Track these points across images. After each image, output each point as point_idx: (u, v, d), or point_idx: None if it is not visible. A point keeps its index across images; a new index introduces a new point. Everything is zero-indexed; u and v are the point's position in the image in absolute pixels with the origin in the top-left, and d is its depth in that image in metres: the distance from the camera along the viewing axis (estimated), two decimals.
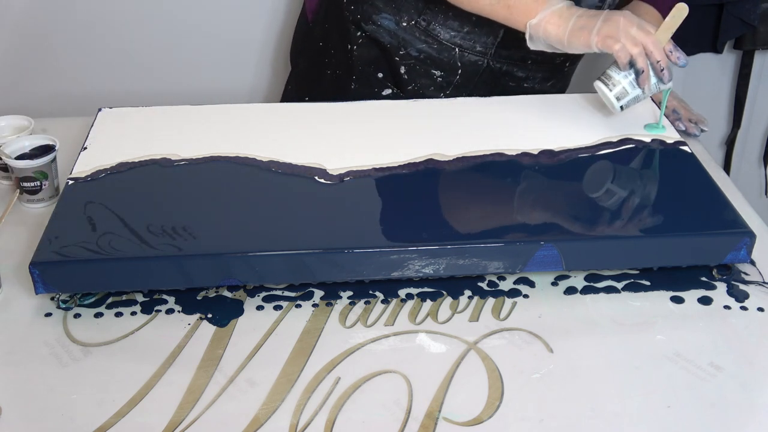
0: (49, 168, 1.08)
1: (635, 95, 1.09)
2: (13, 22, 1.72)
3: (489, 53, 1.27)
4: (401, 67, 1.30)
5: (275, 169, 1.04)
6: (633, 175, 1.05)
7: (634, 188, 1.02)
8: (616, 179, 1.03)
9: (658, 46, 1.06)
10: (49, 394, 0.81)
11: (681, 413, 0.79)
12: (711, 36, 1.80)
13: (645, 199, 0.99)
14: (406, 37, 1.28)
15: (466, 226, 0.94)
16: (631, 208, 0.98)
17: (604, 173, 1.05)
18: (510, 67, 1.30)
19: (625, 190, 1.01)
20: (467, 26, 1.25)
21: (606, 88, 1.10)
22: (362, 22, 1.29)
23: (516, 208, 0.98)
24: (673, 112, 1.24)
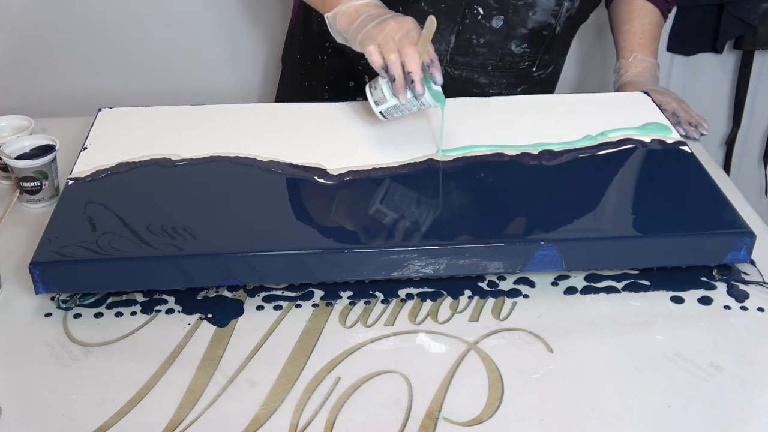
0: (49, 168, 1.08)
1: (394, 104, 1.05)
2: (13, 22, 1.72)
3: (444, 60, 1.26)
4: (365, 76, 1.30)
5: (275, 169, 1.04)
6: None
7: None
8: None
9: (412, 57, 1.01)
10: (49, 394, 0.81)
11: (681, 413, 0.79)
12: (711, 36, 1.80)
13: (645, 198, 0.99)
14: None
15: (466, 226, 0.94)
16: (631, 207, 0.98)
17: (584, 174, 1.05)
18: (470, 73, 1.28)
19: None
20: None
21: (369, 92, 1.07)
22: (327, 33, 1.30)
23: (516, 208, 0.98)
24: (673, 114, 1.23)
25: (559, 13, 1.23)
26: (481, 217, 0.96)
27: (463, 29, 1.23)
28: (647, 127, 1.14)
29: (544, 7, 1.22)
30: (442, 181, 1.03)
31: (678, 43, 1.83)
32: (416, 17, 1.21)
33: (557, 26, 1.25)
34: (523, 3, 1.20)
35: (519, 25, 1.23)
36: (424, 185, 1.02)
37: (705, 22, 1.79)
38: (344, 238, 0.91)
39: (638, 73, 1.30)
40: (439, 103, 1.06)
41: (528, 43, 1.26)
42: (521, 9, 1.21)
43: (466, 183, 1.03)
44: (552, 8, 1.22)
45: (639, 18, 1.33)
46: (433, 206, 0.98)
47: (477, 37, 1.23)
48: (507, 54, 1.26)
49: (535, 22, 1.23)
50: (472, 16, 1.21)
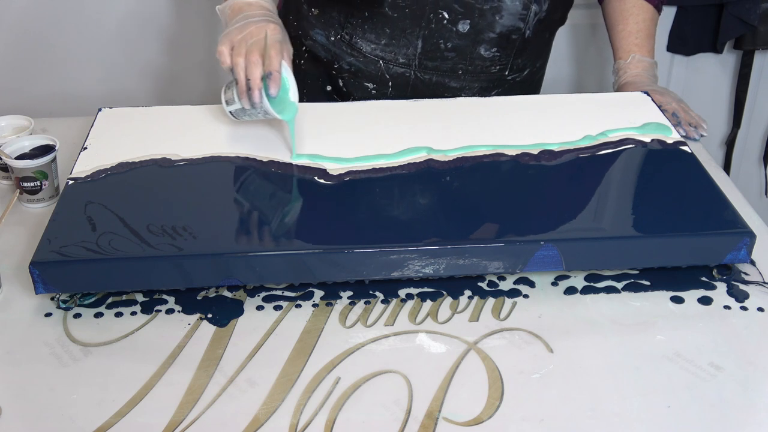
0: (49, 168, 1.08)
1: (241, 107, 1.05)
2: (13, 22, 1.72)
3: (413, 64, 1.26)
4: (339, 80, 1.31)
5: (275, 169, 1.04)
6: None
7: (600, 183, 1.00)
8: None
9: (254, 64, 1.02)
10: (49, 394, 0.81)
11: (681, 413, 0.79)
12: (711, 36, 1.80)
13: (645, 198, 0.99)
14: (337, 51, 1.29)
15: (466, 226, 0.94)
16: (631, 207, 0.98)
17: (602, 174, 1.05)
18: (440, 78, 1.28)
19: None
20: (384, 38, 1.24)
21: (223, 91, 1.07)
22: (303, 37, 1.31)
23: (516, 208, 0.98)
24: (673, 115, 1.23)
25: (527, 17, 1.23)
26: (481, 217, 0.96)
27: (430, 34, 1.22)
28: (647, 127, 1.14)
29: (510, 12, 1.21)
30: (441, 181, 1.03)
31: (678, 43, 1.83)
32: (381, 22, 1.22)
33: (527, 30, 1.25)
34: (489, 7, 1.20)
35: (486, 30, 1.22)
36: (424, 185, 1.02)
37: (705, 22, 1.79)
38: (344, 238, 0.91)
39: (637, 74, 1.30)
40: (282, 115, 1.05)
41: (497, 48, 1.25)
42: (487, 13, 1.20)
43: (465, 183, 1.03)
44: (519, 12, 1.22)
45: (633, 16, 1.32)
46: (433, 206, 0.99)
47: (444, 42, 1.23)
48: (477, 58, 1.25)
49: (503, 26, 1.22)
50: (437, 20, 1.21)
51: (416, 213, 0.97)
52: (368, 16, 1.22)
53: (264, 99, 1.03)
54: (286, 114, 1.06)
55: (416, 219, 0.96)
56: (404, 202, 1.00)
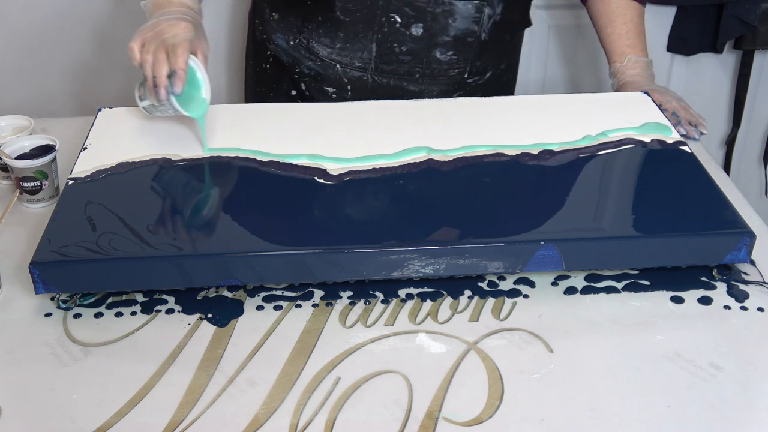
0: (49, 168, 1.08)
1: (153, 103, 1.06)
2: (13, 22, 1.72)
3: (369, 68, 1.26)
4: (301, 84, 1.31)
5: (275, 169, 1.04)
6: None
7: (600, 183, 1.00)
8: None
9: (160, 62, 1.02)
10: (49, 394, 0.81)
11: (681, 413, 0.79)
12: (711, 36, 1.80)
13: (645, 198, 0.99)
14: (297, 56, 1.29)
15: (466, 226, 0.94)
16: (631, 207, 0.98)
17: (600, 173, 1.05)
18: (398, 81, 1.27)
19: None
20: (338, 42, 1.24)
21: (137, 86, 1.08)
22: (266, 42, 1.32)
23: (516, 208, 0.98)
24: (673, 114, 1.23)
25: (480, 20, 1.22)
26: (481, 217, 0.96)
27: (383, 38, 1.22)
28: (647, 127, 1.14)
29: (463, 15, 1.21)
30: (441, 181, 1.03)
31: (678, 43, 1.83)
32: (335, 26, 1.22)
33: (482, 33, 1.24)
34: (440, 11, 1.19)
35: (440, 33, 1.22)
36: (424, 185, 1.02)
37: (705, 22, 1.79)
38: (344, 238, 0.91)
39: (635, 74, 1.30)
40: (190, 112, 1.06)
41: (454, 51, 1.25)
42: (440, 17, 1.20)
43: (465, 183, 1.03)
44: (472, 15, 1.21)
45: (620, 17, 1.31)
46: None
47: (399, 45, 1.23)
48: (433, 62, 1.25)
49: (456, 29, 1.22)
50: (390, 24, 1.21)
51: (416, 213, 0.97)
52: (322, 20, 1.23)
53: (171, 97, 1.03)
54: (195, 111, 1.07)
55: (416, 219, 0.95)
56: (404, 202, 1.00)
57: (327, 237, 0.92)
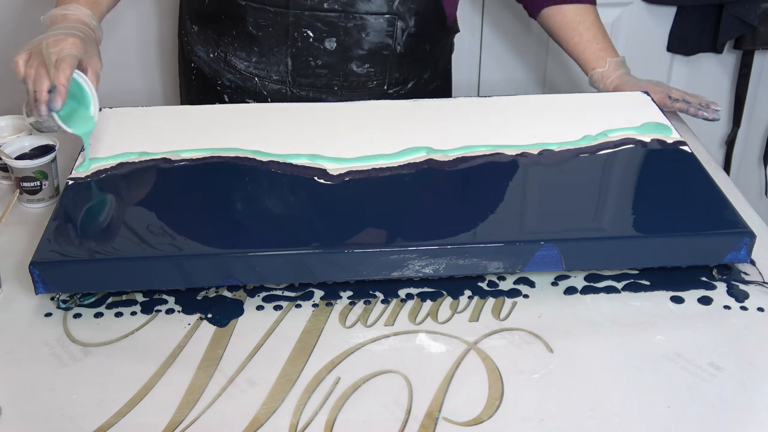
0: (49, 168, 1.08)
1: (37, 119, 1.03)
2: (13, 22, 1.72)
3: (287, 81, 1.26)
4: (224, 96, 1.31)
5: (275, 170, 1.04)
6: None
7: (600, 183, 1.00)
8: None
9: (39, 78, 1.00)
10: (49, 394, 0.81)
11: (681, 413, 0.79)
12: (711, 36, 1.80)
13: (645, 198, 0.99)
14: (217, 68, 1.29)
15: (466, 226, 0.94)
16: (631, 207, 0.98)
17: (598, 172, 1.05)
18: (317, 93, 1.27)
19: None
20: (254, 56, 1.24)
21: (25, 103, 1.05)
22: (190, 54, 1.32)
23: (516, 208, 0.98)
24: (684, 101, 1.24)
25: (393, 33, 1.22)
26: (481, 217, 0.96)
27: (298, 52, 1.22)
28: (647, 127, 1.14)
29: (376, 29, 1.20)
30: (441, 181, 1.03)
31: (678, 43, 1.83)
32: (248, 40, 1.22)
33: (397, 46, 1.24)
34: (352, 25, 1.19)
35: (354, 47, 1.22)
36: (424, 185, 1.02)
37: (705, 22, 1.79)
38: (344, 238, 0.91)
39: (622, 74, 1.30)
40: (74, 129, 1.03)
41: (369, 63, 1.24)
42: (352, 31, 1.20)
43: (465, 183, 1.03)
44: (385, 29, 1.21)
45: (582, 24, 1.30)
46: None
47: (314, 59, 1.23)
48: (350, 74, 1.25)
49: (371, 43, 1.22)
50: (303, 39, 1.21)
51: (416, 213, 0.97)
52: (236, 34, 1.23)
53: (52, 113, 1.00)
54: (80, 128, 1.04)
55: (416, 219, 0.96)
56: (404, 202, 1.00)
57: (327, 237, 0.92)
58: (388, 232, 0.93)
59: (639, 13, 1.80)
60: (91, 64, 1.07)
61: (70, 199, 0.98)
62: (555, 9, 1.31)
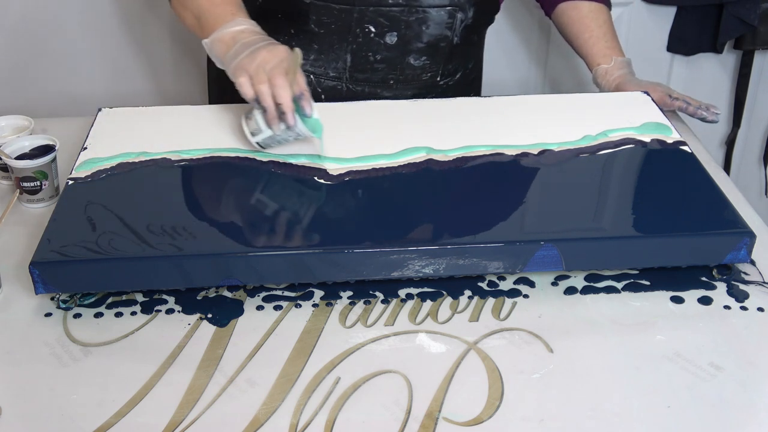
0: (49, 168, 1.08)
1: (270, 134, 1.04)
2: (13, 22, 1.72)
3: (344, 77, 1.26)
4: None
5: (275, 169, 1.04)
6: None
7: (600, 183, 1.01)
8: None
9: (283, 88, 1.00)
10: (49, 394, 0.81)
11: (681, 413, 0.79)
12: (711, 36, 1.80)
13: (645, 198, 0.99)
14: None
15: (466, 226, 0.94)
16: (631, 207, 0.98)
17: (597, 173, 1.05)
18: (372, 88, 1.27)
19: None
20: (312, 53, 1.24)
21: (244, 122, 1.06)
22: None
23: (516, 208, 0.98)
24: (684, 101, 1.25)
25: (453, 25, 1.23)
26: (481, 217, 0.96)
27: (358, 48, 1.22)
28: (647, 127, 1.14)
29: (436, 21, 1.21)
30: (441, 181, 1.03)
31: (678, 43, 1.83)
32: (308, 39, 1.21)
33: (454, 37, 1.25)
34: (414, 19, 1.20)
35: (414, 40, 1.22)
36: (424, 185, 1.02)
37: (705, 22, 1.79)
38: (344, 238, 0.91)
39: (625, 73, 1.31)
40: (315, 134, 1.04)
41: (427, 56, 1.25)
42: (414, 24, 1.20)
43: (465, 183, 1.03)
44: (445, 21, 1.22)
45: (594, 21, 1.33)
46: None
47: (373, 54, 1.23)
48: (407, 68, 1.25)
49: (430, 35, 1.23)
50: (364, 34, 1.21)
51: (416, 213, 0.97)
52: (294, 32, 1.22)
53: (298, 120, 1.02)
54: (317, 131, 1.05)
55: (416, 219, 0.96)
56: (404, 202, 1.00)
57: (327, 237, 0.92)
58: (388, 232, 0.93)
59: (639, 13, 1.80)
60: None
61: (70, 199, 0.98)
62: (570, 4, 1.34)
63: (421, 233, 0.92)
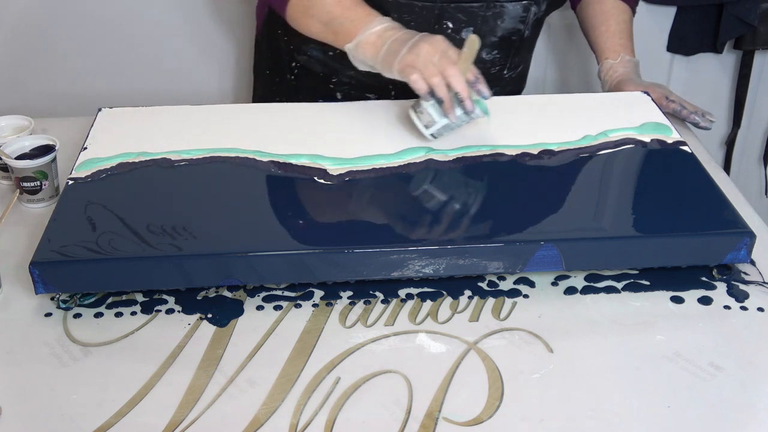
0: (49, 168, 1.08)
1: (444, 124, 1.07)
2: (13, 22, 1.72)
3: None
4: (337, 94, 1.31)
5: (275, 170, 1.04)
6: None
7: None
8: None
9: (457, 77, 1.03)
10: (49, 394, 0.81)
11: (681, 413, 0.79)
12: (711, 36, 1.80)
13: (645, 198, 0.99)
14: (335, 66, 1.28)
15: (466, 226, 0.94)
16: (631, 207, 0.98)
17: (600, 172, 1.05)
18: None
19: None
20: None
21: (415, 116, 1.08)
22: (295, 52, 1.31)
23: (516, 208, 0.98)
24: (679, 104, 1.25)
25: (527, 18, 1.24)
26: (481, 217, 0.96)
27: None
28: (647, 127, 1.14)
29: (512, 15, 1.23)
30: (442, 181, 1.03)
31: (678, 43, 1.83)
32: None
33: (525, 30, 1.27)
34: (491, 13, 1.21)
35: (488, 34, 1.24)
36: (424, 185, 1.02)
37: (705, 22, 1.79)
38: (344, 238, 0.91)
39: (628, 71, 1.32)
40: (486, 114, 1.07)
41: (498, 50, 1.27)
42: (490, 19, 1.22)
43: (465, 183, 1.03)
44: (520, 15, 1.23)
45: (614, 17, 1.34)
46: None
47: None
48: (478, 62, 1.25)
49: (504, 29, 1.24)
50: (441, 30, 1.21)
51: (416, 213, 0.97)
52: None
53: (476, 106, 1.05)
54: (488, 112, 1.08)
55: (416, 219, 0.96)
56: (404, 202, 1.00)
57: (327, 237, 0.92)
58: (388, 232, 0.93)
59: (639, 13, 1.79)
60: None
61: (70, 199, 0.98)
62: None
63: (421, 233, 0.92)
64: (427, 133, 1.08)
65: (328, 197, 0.99)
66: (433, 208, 0.98)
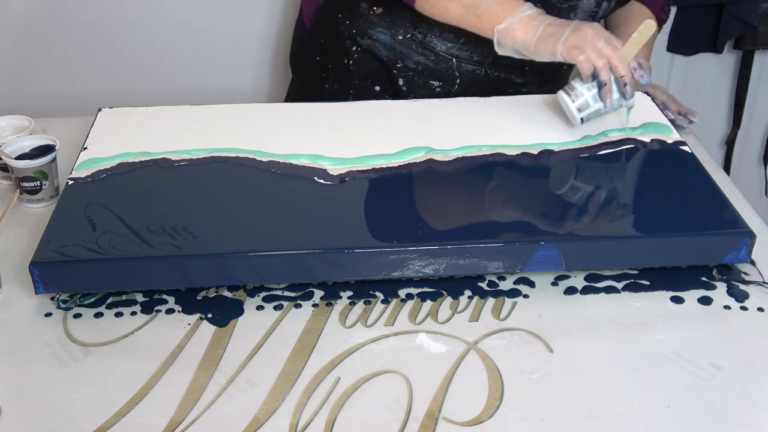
0: (49, 168, 1.08)
1: (596, 108, 1.09)
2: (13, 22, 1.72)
3: (486, 62, 1.28)
4: (399, 80, 1.31)
5: (275, 170, 1.04)
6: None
7: (600, 183, 1.03)
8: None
9: (623, 61, 1.06)
10: (49, 394, 0.81)
11: (681, 413, 0.79)
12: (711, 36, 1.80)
13: (645, 198, 0.99)
14: (403, 50, 1.28)
15: (466, 226, 0.94)
16: (631, 207, 0.98)
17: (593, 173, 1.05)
18: (508, 74, 1.30)
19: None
20: (463, 37, 1.25)
21: (569, 98, 1.10)
22: (357, 36, 1.30)
23: (516, 208, 0.98)
24: (662, 104, 1.25)
25: (597, 14, 1.25)
26: (481, 217, 0.96)
27: None
28: (647, 127, 1.14)
29: (584, 9, 1.24)
30: (441, 181, 1.03)
31: (678, 43, 1.83)
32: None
33: None
34: (567, 6, 1.22)
35: None
36: (424, 185, 1.02)
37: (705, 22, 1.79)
38: (344, 238, 0.91)
39: None
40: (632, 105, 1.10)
41: None
42: (564, 12, 1.23)
43: (465, 183, 1.03)
44: (591, 10, 1.24)
45: (637, 22, 1.33)
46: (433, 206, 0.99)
47: None
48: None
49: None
50: None
51: (416, 213, 0.97)
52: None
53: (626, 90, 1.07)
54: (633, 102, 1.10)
55: (416, 219, 0.96)
56: (404, 202, 1.00)
57: (327, 237, 0.92)
58: (388, 232, 0.93)
59: None
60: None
61: (70, 199, 0.98)
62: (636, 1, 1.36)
63: (421, 233, 0.92)
64: (578, 116, 1.10)
65: (328, 197, 0.99)
66: (433, 207, 0.98)
